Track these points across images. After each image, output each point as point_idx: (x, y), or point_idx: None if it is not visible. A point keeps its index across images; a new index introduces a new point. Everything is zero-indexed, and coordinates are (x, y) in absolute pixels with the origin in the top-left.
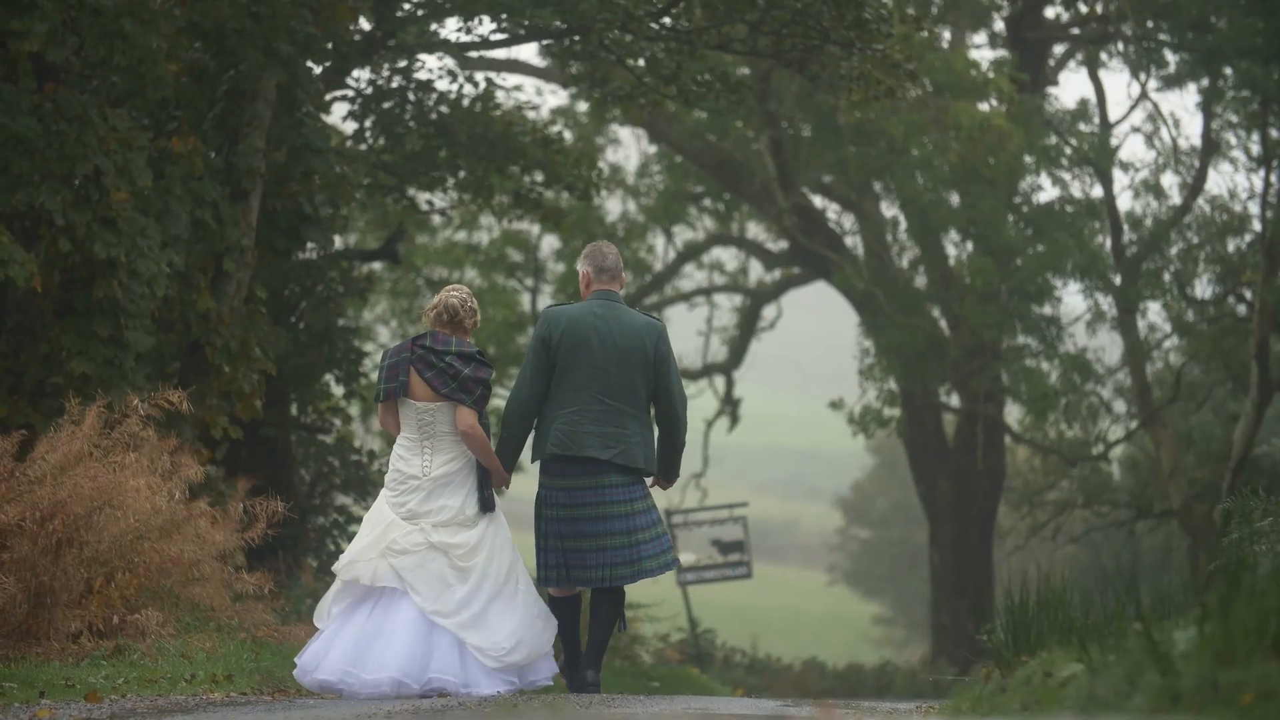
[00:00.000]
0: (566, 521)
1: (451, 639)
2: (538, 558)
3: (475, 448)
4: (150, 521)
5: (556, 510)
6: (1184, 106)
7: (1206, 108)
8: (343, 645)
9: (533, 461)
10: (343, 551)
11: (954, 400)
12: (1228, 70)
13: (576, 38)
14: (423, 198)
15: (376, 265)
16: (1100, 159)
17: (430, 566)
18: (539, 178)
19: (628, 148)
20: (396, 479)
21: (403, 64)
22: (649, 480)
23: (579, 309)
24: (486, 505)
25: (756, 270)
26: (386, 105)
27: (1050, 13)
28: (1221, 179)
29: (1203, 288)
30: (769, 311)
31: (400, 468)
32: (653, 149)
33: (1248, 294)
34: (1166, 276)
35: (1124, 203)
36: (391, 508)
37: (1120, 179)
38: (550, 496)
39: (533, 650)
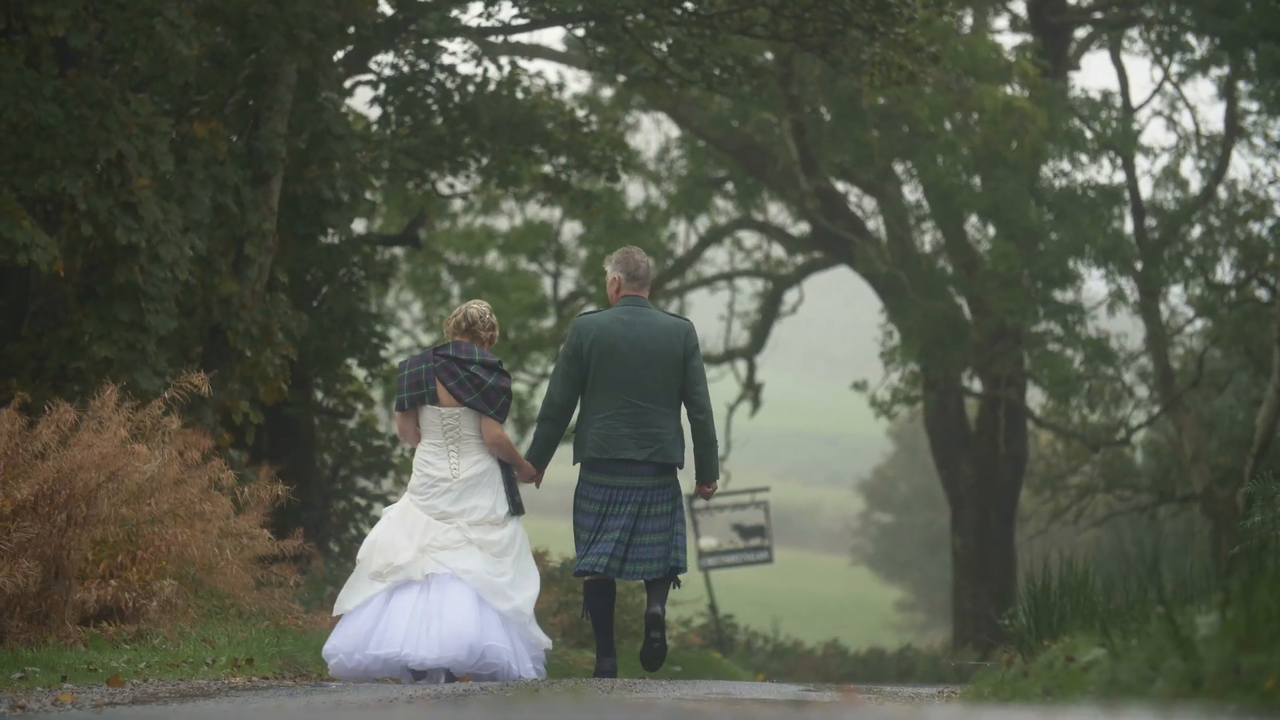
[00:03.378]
0: (599, 516)
1: (498, 617)
2: (578, 549)
3: (503, 454)
4: (163, 503)
5: (594, 505)
6: (1207, 90)
7: (1229, 92)
8: (396, 625)
9: (574, 463)
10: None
11: (976, 385)
12: (1251, 54)
13: (595, 23)
14: (445, 182)
15: (398, 250)
16: (1123, 143)
17: (473, 557)
18: (564, 161)
19: (648, 133)
20: (425, 483)
21: (426, 46)
22: (693, 490)
23: (607, 317)
24: (517, 509)
25: (778, 254)
26: (410, 89)
27: None
28: (1244, 163)
29: (1225, 272)
30: (791, 296)
31: (428, 472)
32: (675, 134)
33: (1270, 278)
34: (1188, 261)
35: (1146, 187)
36: (423, 511)
37: (1142, 164)
38: (589, 492)
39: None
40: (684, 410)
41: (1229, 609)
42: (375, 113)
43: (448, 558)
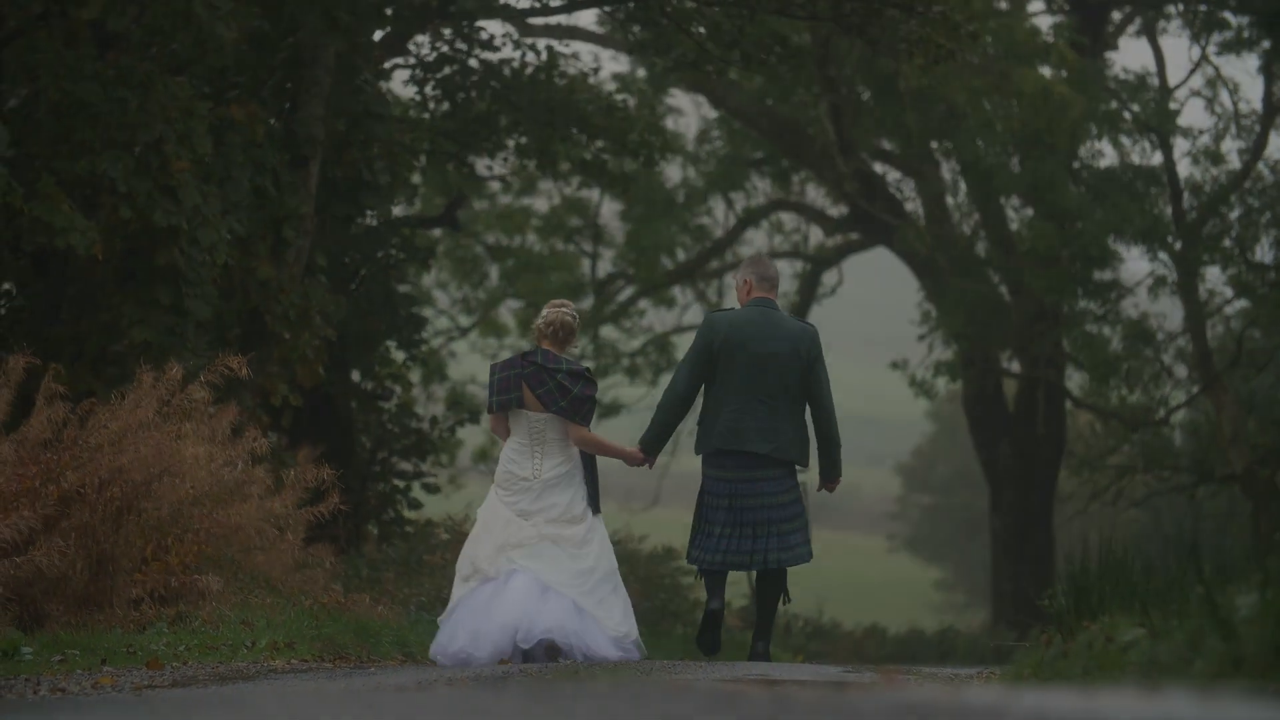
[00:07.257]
0: (725, 510)
1: (568, 603)
2: (693, 539)
3: (594, 450)
4: (206, 489)
5: (718, 499)
6: (1245, 68)
7: (1267, 71)
8: (469, 621)
9: (697, 453)
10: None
11: (1015, 366)
12: None
13: (633, 4)
14: (482, 163)
15: (436, 232)
16: (1161, 123)
17: (546, 551)
18: (601, 144)
19: (688, 115)
20: (508, 480)
21: (465, 27)
22: (816, 486)
23: (739, 315)
24: (595, 506)
25: (817, 236)
26: (448, 70)
27: None
28: None
29: (1264, 251)
30: (829, 277)
31: (512, 470)
32: (713, 115)
33: None
34: (1227, 241)
35: (1184, 168)
36: (505, 506)
37: (1180, 144)
38: (713, 486)
39: (632, 633)
40: (811, 416)
41: (1269, 589)
42: (412, 93)
43: (520, 555)
